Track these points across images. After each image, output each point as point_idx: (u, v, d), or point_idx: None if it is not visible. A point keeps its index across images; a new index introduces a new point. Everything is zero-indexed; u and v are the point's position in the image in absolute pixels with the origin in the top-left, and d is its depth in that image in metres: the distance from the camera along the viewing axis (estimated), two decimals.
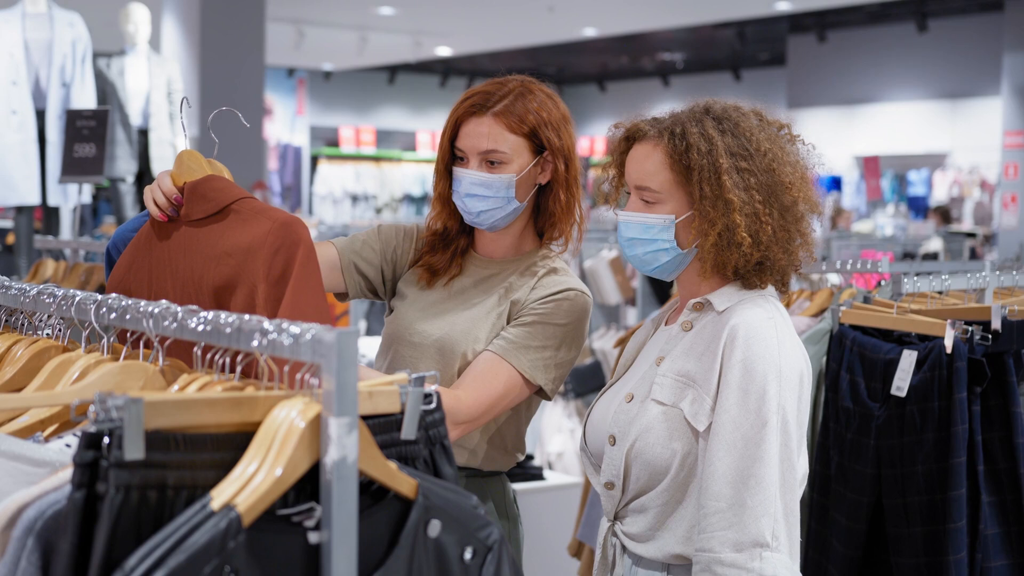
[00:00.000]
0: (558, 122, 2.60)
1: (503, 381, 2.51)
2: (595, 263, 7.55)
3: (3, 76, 7.45)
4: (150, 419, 1.35)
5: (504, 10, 15.17)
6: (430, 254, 2.69)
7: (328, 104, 23.09)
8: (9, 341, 1.99)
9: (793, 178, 2.32)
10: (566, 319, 2.57)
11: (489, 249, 2.69)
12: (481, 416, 2.50)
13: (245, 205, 2.18)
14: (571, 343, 2.59)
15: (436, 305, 2.63)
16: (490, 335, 2.56)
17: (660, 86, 23.09)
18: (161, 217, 2.23)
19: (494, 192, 2.56)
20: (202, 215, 2.20)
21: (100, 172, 4.57)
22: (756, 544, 2.13)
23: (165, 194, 2.22)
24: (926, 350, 3.03)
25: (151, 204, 2.23)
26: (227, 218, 2.18)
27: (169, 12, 11.23)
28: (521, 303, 2.58)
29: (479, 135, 2.56)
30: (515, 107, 2.56)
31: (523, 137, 2.57)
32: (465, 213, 2.62)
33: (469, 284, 2.65)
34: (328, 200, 21.68)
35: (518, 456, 2.66)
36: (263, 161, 11.87)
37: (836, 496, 3.19)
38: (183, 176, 2.24)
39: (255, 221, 2.14)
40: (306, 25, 15.96)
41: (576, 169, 2.64)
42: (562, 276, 2.63)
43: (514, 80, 2.61)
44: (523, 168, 2.57)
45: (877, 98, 18.65)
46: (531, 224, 2.68)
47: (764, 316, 2.26)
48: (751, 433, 2.16)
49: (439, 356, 2.56)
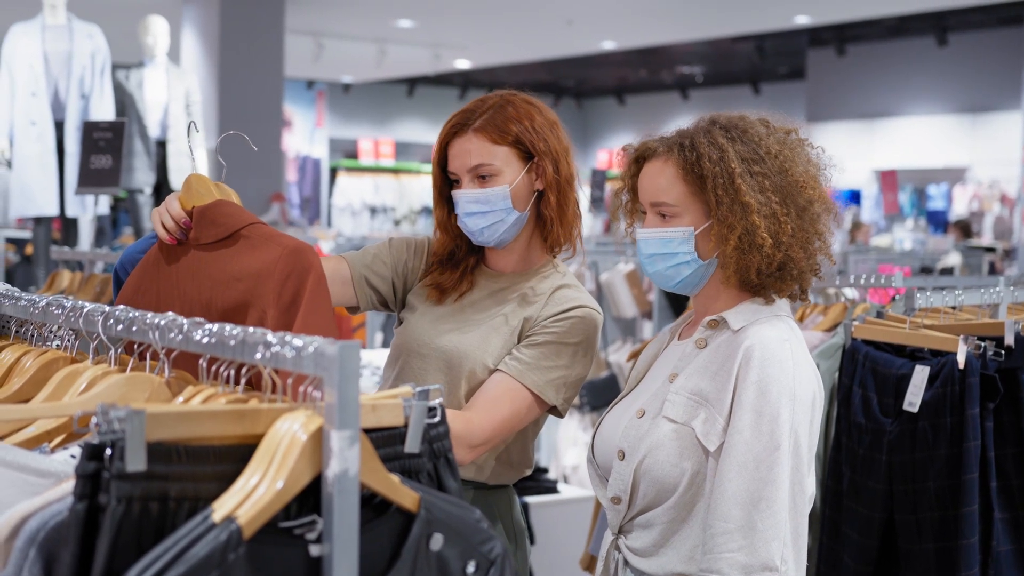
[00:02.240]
0: (542, 127, 2.60)
1: (517, 402, 2.51)
2: (611, 276, 7.54)
3: (23, 87, 7.50)
4: (152, 431, 1.36)
5: (523, 23, 15.19)
6: (439, 273, 2.70)
7: (347, 116, 23.16)
8: (19, 352, 2.00)
9: (806, 178, 2.32)
10: (578, 337, 2.57)
11: (499, 264, 2.69)
12: (494, 438, 2.50)
13: (255, 231, 2.19)
14: (583, 361, 2.58)
15: (446, 318, 2.63)
16: (501, 350, 2.56)
17: (679, 99, 23.09)
18: (170, 240, 2.23)
19: (491, 206, 2.56)
20: (211, 239, 2.20)
21: (116, 184, 4.59)
22: (765, 568, 2.13)
23: (174, 218, 2.22)
24: (938, 365, 3.02)
25: (159, 227, 2.24)
26: (237, 243, 2.18)
27: (189, 24, 11.30)
28: (534, 320, 2.58)
29: (465, 153, 2.57)
30: (495, 119, 2.57)
31: (509, 146, 2.57)
32: (469, 234, 2.62)
33: (480, 298, 2.65)
34: (347, 212, 21.71)
35: (525, 471, 2.66)
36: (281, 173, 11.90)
37: (848, 511, 3.18)
38: (191, 200, 2.25)
39: (265, 247, 2.15)
40: (325, 37, 16.01)
41: (568, 171, 2.63)
42: (573, 291, 2.63)
43: (494, 96, 2.63)
44: (515, 178, 2.58)
45: (897, 112, 18.62)
46: (537, 234, 2.67)
47: (779, 337, 2.26)
48: (763, 455, 2.16)
49: (447, 369, 2.56)
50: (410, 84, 23.10)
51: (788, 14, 14.32)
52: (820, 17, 14.78)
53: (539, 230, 2.66)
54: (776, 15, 14.55)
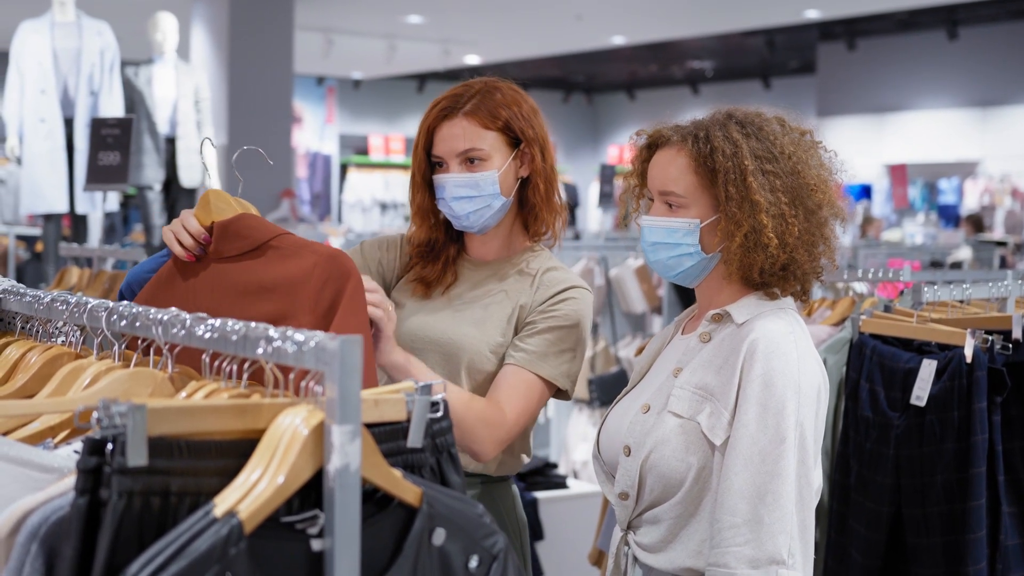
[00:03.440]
0: (528, 114, 2.62)
1: (533, 393, 2.53)
2: (621, 271, 7.54)
3: (32, 85, 7.52)
4: (154, 426, 1.36)
5: (532, 18, 15.18)
6: (421, 267, 2.70)
7: (357, 112, 23.14)
8: (24, 348, 2.01)
9: (818, 181, 2.32)
10: (575, 319, 2.58)
11: (481, 252, 2.70)
12: (520, 430, 2.52)
13: (284, 241, 2.18)
14: (583, 340, 2.61)
15: (437, 311, 2.63)
16: (498, 337, 2.57)
17: (689, 94, 23.04)
18: (188, 257, 2.21)
19: (479, 191, 2.57)
20: (235, 252, 2.19)
21: (124, 180, 4.59)
22: (772, 561, 2.12)
23: (192, 234, 2.21)
24: (946, 359, 3.01)
25: (175, 245, 2.21)
26: (265, 254, 2.17)
27: (198, 21, 11.31)
28: (529, 307, 2.59)
29: (455, 137, 2.57)
30: (485, 104, 2.57)
31: (498, 132, 2.58)
32: (454, 218, 2.62)
33: (467, 289, 2.66)
34: (357, 208, 21.71)
35: (524, 459, 2.67)
36: (291, 169, 11.91)
37: (855, 506, 3.18)
38: (210, 216, 2.23)
39: (299, 256, 2.15)
40: (335, 33, 16.01)
41: (551, 159, 2.66)
42: (561, 273, 2.64)
43: (478, 81, 2.63)
44: (503, 163, 2.59)
45: (907, 106, 18.56)
46: (519, 220, 2.68)
47: (783, 330, 2.25)
48: (769, 449, 2.16)
49: (444, 361, 2.56)
50: (420, 80, 23.08)
51: (798, 8, 14.29)
52: (830, 11, 14.74)
53: (520, 217, 2.68)
54: (786, 9, 14.52)
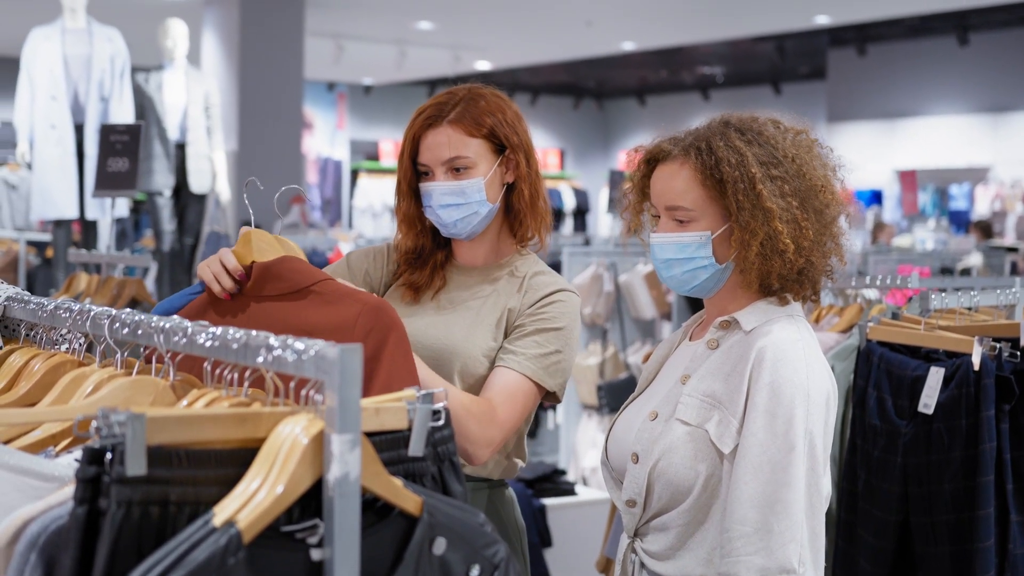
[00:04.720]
0: (512, 120, 2.63)
1: (524, 395, 2.52)
2: (630, 278, 7.54)
3: (42, 91, 7.54)
4: (153, 435, 1.36)
5: (543, 24, 15.17)
6: (409, 273, 2.71)
7: (368, 118, 23.16)
8: (28, 355, 2.01)
9: (824, 181, 2.32)
10: (564, 321, 2.59)
11: (468, 257, 2.71)
12: (510, 434, 2.51)
13: (327, 287, 2.19)
14: (571, 342, 2.60)
15: (427, 317, 2.63)
16: (488, 341, 2.57)
17: (700, 100, 23.02)
18: (224, 296, 2.23)
19: (466, 199, 2.58)
20: (275, 293, 2.20)
21: (133, 186, 4.60)
22: (783, 570, 2.12)
23: (231, 272, 2.23)
24: (953, 367, 3.00)
25: (213, 282, 2.23)
26: (306, 298, 2.18)
27: (209, 27, 11.32)
28: (517, 310, 2.60)
29: (440, 145, 2.58)
30: (469, 111, 2.59)
31: (483, 139, 2.59)
32: (441, 226, 2.64)
33: (456, 293, 2.67)
34: (367, 214, 21.71)
35: (519, 463, 2.68)
36: (301, 175, 11.91)
37: (863, 514, 3.16)
38: (251, 255, 2.23)
39: (342, 303, 2.16)
40: (345, 39, 16.02)
41: (536, 164, 2.67)
42: (548, 276, 2.65)
43: (462, 88, 2.64)
44: (489, 170, 2.60)
45: (918, 112, 18.52)
46: (505, 226, 2.69)
47: (792, 338, 2.25)
48: (778, 457, 2.15)
49: (436, 366, 2.55)
50: (431, 86, 23.08)
51: (808, 14, 14.27)
52: (841, 17, 14.72)
53: (507, 222, 2.69)
54: (796, 15, 14.50)
